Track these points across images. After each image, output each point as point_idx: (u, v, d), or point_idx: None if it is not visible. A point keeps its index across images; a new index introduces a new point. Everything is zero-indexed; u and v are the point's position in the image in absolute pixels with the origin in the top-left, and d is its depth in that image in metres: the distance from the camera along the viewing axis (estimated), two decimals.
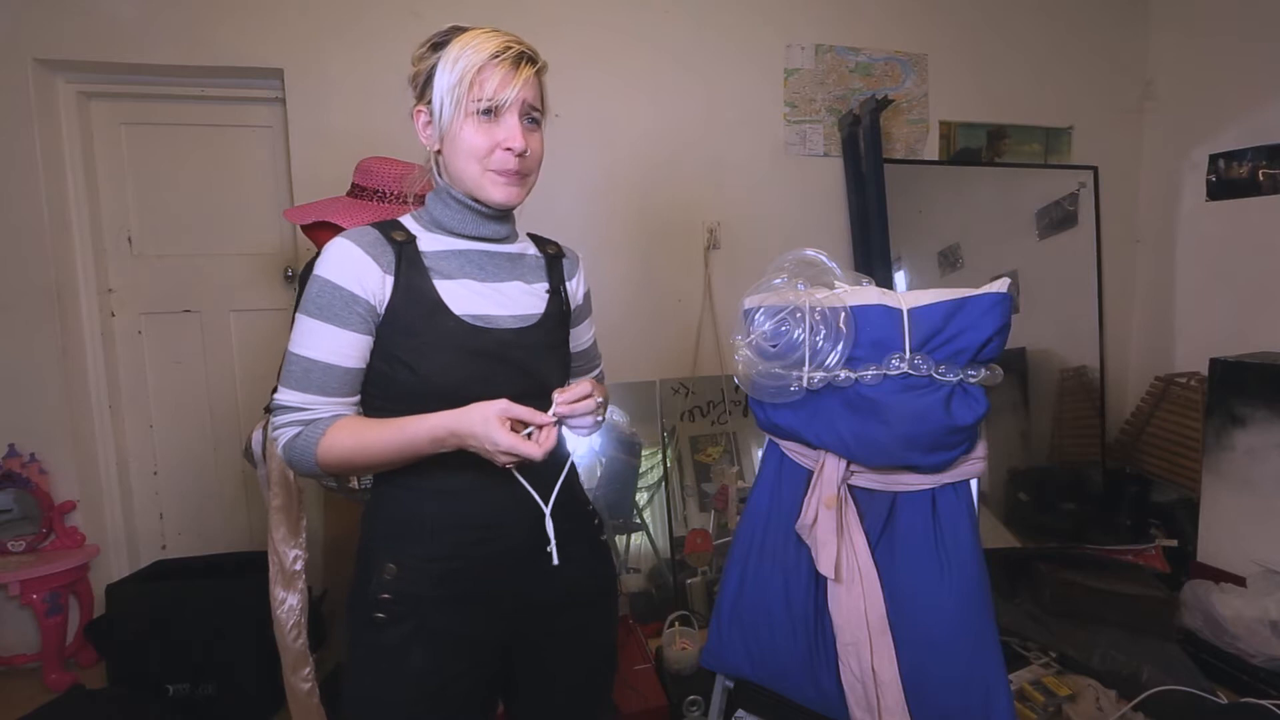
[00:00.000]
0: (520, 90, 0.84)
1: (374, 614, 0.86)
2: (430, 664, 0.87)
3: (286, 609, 1.54)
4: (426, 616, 0.87)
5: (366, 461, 0.83)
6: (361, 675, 0.89)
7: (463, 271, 0.90)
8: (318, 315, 0.83)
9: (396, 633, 0.86)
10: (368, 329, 0.85)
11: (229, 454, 2.40)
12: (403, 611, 0.86)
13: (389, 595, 0.86)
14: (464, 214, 0.91)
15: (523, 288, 0.95)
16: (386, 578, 0.86)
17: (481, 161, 0.86)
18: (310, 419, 0.84)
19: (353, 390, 0.86)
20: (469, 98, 0.83)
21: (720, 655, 1.22)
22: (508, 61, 0.84)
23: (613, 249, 2.48)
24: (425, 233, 0.91)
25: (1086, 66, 2.85)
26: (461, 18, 0.91)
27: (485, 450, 0.78)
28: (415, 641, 0.86)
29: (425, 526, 0.88)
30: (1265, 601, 1.96)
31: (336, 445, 0.82)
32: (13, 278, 2.10)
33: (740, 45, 2.53)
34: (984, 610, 1.01)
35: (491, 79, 0.83)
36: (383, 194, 1.54)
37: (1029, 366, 2.73)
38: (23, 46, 2.04)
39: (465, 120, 0.85)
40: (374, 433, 0.82)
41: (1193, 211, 2.77)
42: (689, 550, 2.28)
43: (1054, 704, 1.74)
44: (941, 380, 1.00)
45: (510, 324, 0.91)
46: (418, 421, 0.81)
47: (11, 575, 2.00)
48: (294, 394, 0.84)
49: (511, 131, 0.85)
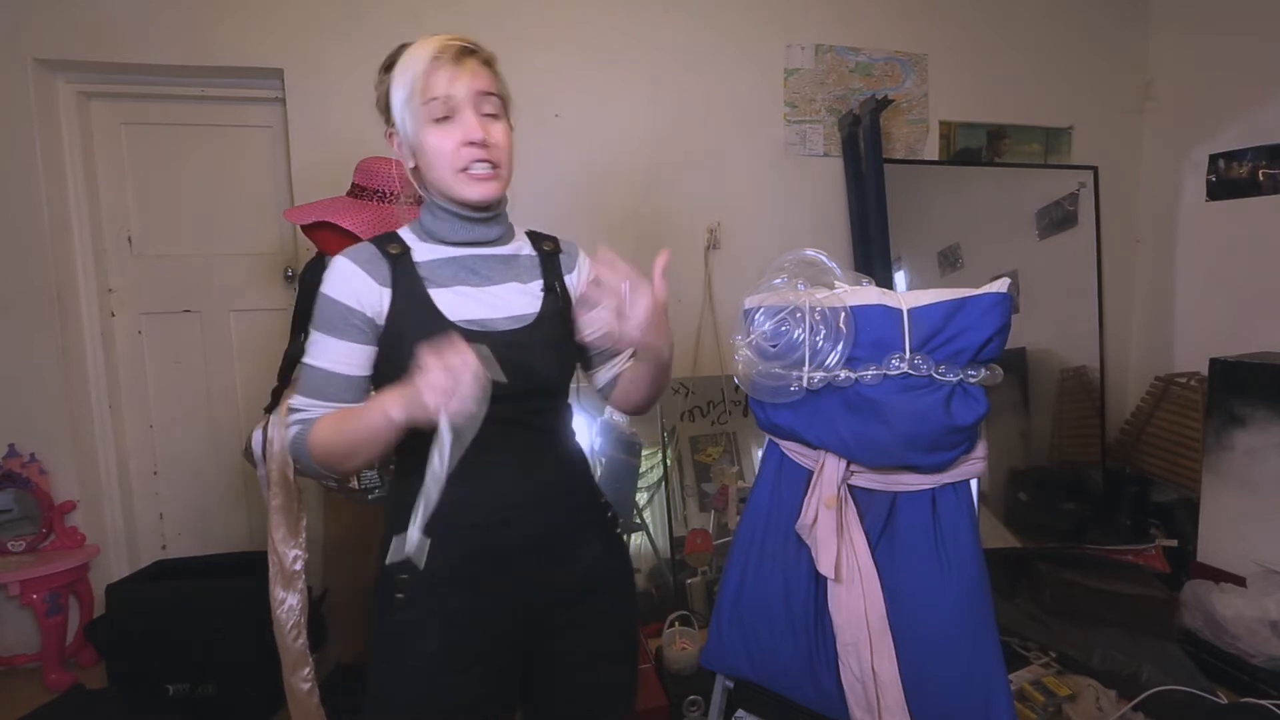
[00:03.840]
0: (467, 82, 0.86)
1: (394, 594, 0.90)
2: (447, 644, 0.90)
3: (286, 609, 1.54)
4: (445, 598, 0.90)
5: (345, 444, 0.85)
6: (382, 654, 0.92)
7: (456, 278, 0.93)
8: (321, 328, 0.89)
9: (414, 613, 0.90)
10: (367, 339, 0.89)
11: (229, 454, 2.40)
12: (421, 591, 0.89)
13: (406, 575, 0.89)
14: (452, 221, 0.93)
15: (518, 288, 0.96)
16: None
17: (451, 164, 0.88)
18: (308, 419, 0.89)
19: (355, 396, 0.90)
20: (423, 106, 0.86)
21: (720, 655, 1.22)
22: (448, 58, 0.86)
23: (612, 249, 2.47)
24: (419, 243, 0.94)
25: (1086, 66, 2.85)
26: (461, 18, 0.92)
27: (417, 395, 0.75)
28: (433, 621, 0.90)
29: (442, 510, 0.87)
30: (1265, 601, 1.96)
31: (321, 433, 0.86)
32: (13, 278, 2.10)
33: (740, 45, 2.53)
34: (984, 610, 1.01)
35: (438, 79, 0.85)
36: (383, 194, 1.54)
37: (1029, 366, 2.73)
38: (23, 46, 2.04)
39: (426, 129, 0.87)
40: (347, 416, 0.85)
41: (1193, 211, 2.77)
42: (689, 550, 2.28)
43: (1054, 704, 1.74)
44: (941, 380, 1.00)
45: (506, 325, 0.93)
46: (376, 395, 0.85)
47: (11, 575, 2.01)
48: (302, 399, 0.90)
49: (468, 125, 0.87)
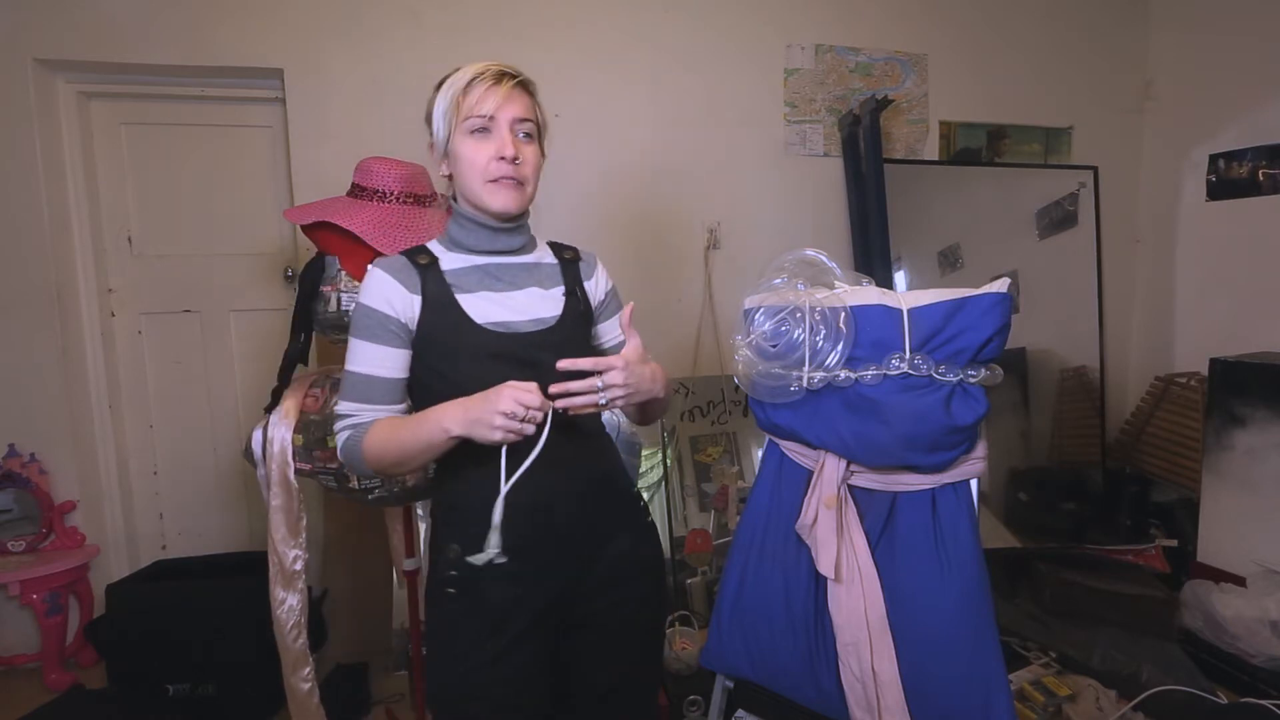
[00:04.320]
0: (504, 101, 0.95)
1: (446, 589, 0.96)
2: (492, 629, 0.95)
3: (286, 609, 1.55)
4: (487, 589, 0.95)
5: (400, 451, 0.92)
6: (437, 644, 0.99)
7: (481, 284, 1.00)
8: (360, 335, 0.97)
9: (461, 606, 0.96)
10: (403, 343, 0.97)
11: (229, 454, 2.40)
12: (468, 585, 0.95)
13: (455, 572, 0.95)
14: (478, 231, 1.01)
15: (539, 293, 1.04)
16: (451, 556, 0.96)
17: (481, 174, 0.96)
18: (358, 423, 0.96)
19: (397, 398, 0.98)
20: (460, 117, 0.95)
21: (720, 655, 1.22)
22: (489, 78, 0.95)
23: (613, 249, 2.47)
24: (447, 253, 1.02)
25: (1086, 66, 2.85)
26: (461, 18, 0.93)
27: (484, 421, 0.84)
28: (477, 612, 0.96)
29: (481, 511, 0.92)
30: (1265, 601, 1.96)
31: (375, 439, 0.93)
32: (13, 278, 2.10)
33: (740, 45, 2.53)
34: (984, 610, 1.02)
35: (476, 94, 0.95)
36: (383, 194, 1.54)
37: (1029, 366, 2.73)
38: (23, 46, 2.04)
39: (462, 140, 0.96)
40: (402, 425, 0.93)
41: (1193, 211, 2.77)
42: (689, 550, 2.28)
43: (1054, 704, 1.74)
44: (941, 380, 1.00)
45: (529, 328, 1.00)
46: (433, 409, 0.91)
47: (11, 575, 2.01)
48: (347, 404, 0.98)
49: (501, 140, 0.95)
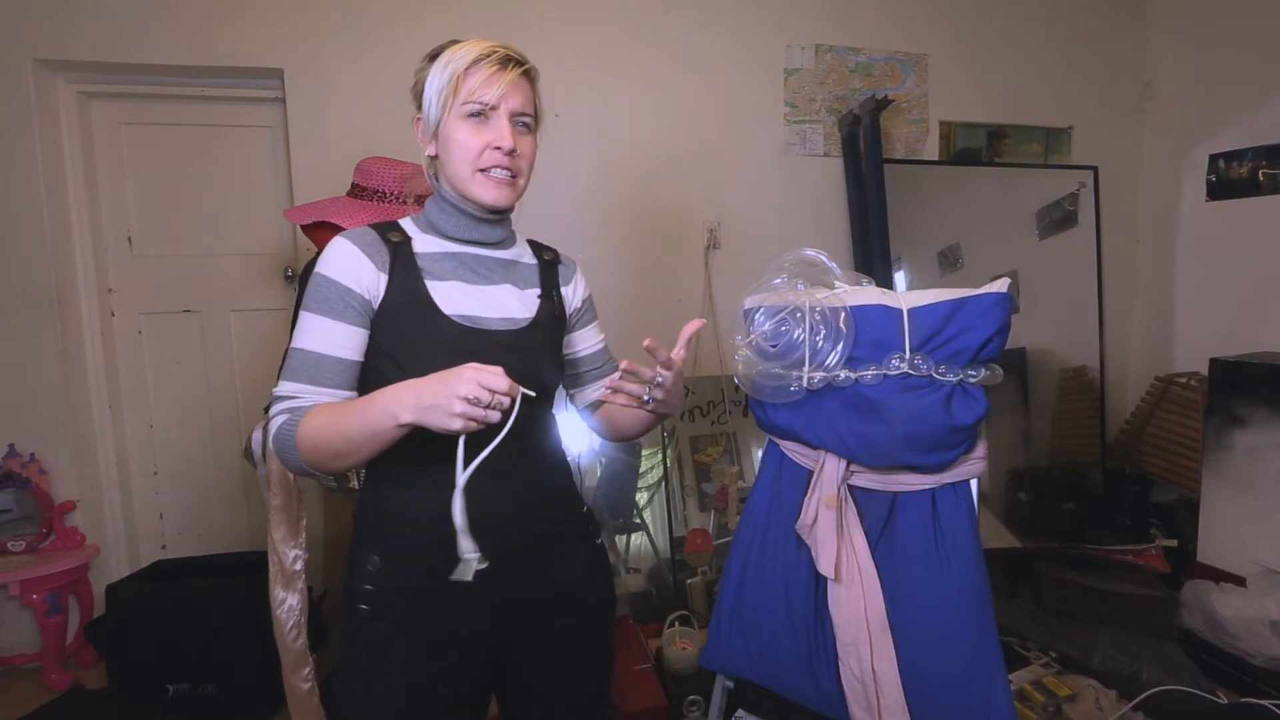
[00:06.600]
0: (506, 89, 0.87)
1: (358, 605, 0.87)
2: (414, 658, 0.87)
3: (286, 609, 1.54)
4: (412, 609, 0.87)
5: (342, 440, 0.78)
6: (347, 668, 0.90)
7: (454, 273, 0.92)
8: (315, 309, 0.85)
9: (380, 626, 0.86)
10: (362, 323, 0.86)
11: (229, 454, 2.40)
12: (386, 604, 0.86)
13: (371, 587, 0.86)
14: (458, 217, 0.93)
15: (514, 292, 0.96)
16: (369, 569, 0.87)
17: (472, 162, 0.88)
18: (298, 406, 0.83)
19: (347, 383, 0.86)
20: (457, 99, 0.86)
21: (720, 655, 1.22)
22: (494, 62, 0.86)
23: (613, 249, 2.48)
24: (421, 235, 0.93)
25: (1086, 66, 2.85)
26: (461, 18, 0.92)
27: (441, 407, 0.72)
28: (399, 635, 0.86)
29: (413, 518, 0.87)
30: (1265, 601, 1.96)
31: (312, 426, 0.80)
32: (13, 278, 2.10)
33: (740, 45, 2.53)
34: (984, 610, 1.01)
35: (477, 79, 0.86)
36: (383, 194, 1.54)
37: (1029, 366, 2.73)
38: (23, 46, 2.04)
39: (457, 123, 0.87)
40: (344, 410, 0.80)
41: (1193, 211, 2.77)
42: (689, 550, 2.28)
43: (1054, 704, 1.74)
44: (941, 380, 1.00)
45: (499, 326, 0.92)
46: (380, 392, 0.78)
47: (11, 575, 2.00)
48: (288, 384, 0.84)
49: (500, 131, 0.87)
